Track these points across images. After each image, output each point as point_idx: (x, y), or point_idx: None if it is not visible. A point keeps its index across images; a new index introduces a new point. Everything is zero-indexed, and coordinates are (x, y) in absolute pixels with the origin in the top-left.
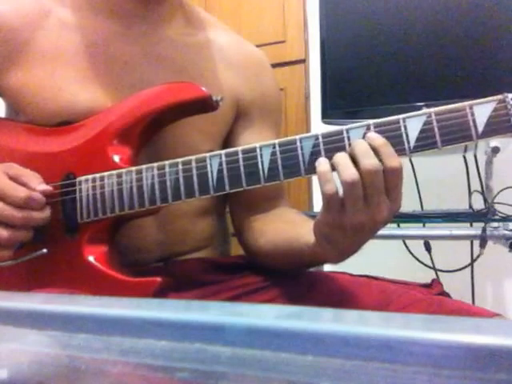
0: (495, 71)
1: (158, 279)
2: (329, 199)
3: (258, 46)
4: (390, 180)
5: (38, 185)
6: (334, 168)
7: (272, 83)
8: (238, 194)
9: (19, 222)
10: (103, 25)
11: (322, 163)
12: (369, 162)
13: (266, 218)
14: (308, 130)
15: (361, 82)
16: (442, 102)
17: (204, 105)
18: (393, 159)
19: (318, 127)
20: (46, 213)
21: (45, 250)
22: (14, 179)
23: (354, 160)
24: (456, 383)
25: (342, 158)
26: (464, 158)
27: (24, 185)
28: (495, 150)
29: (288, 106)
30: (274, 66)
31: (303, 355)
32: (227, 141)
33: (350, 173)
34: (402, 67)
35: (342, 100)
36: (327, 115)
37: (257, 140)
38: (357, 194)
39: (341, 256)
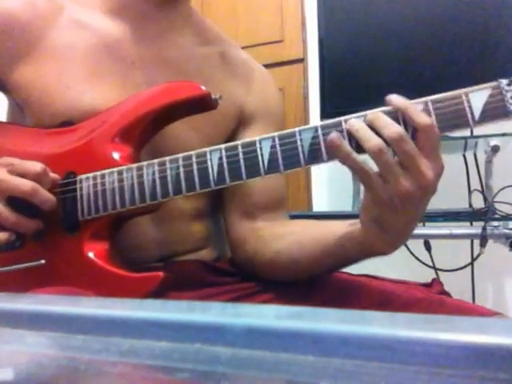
0: (495, 70)
1: (160, 274)
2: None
3: (255, 45)
4: (424, 139)
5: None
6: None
7: (276, 95)
8: (238, 203)
9: (28, 190)
10: (114, 25)
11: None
12: (391, 130)
13: (276, 225)
14: None
15: (359, 81)
16: None
17: (203, 103)
18: (421, 116)
19: None
20: (53, 197)
21: (43, 261)
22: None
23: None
24: (457, 382)
25: (362, 131)
26: (464, 157)
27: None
28: (495, 149)
29: (287, 105)
30: (272, 65)
31: (304, 355)
32: None
33: (376, 142)
34: (401, 66)
35: (341, 99)
36: (326, 114)
37: None
38: (389, 161)
39: (393, 242)
